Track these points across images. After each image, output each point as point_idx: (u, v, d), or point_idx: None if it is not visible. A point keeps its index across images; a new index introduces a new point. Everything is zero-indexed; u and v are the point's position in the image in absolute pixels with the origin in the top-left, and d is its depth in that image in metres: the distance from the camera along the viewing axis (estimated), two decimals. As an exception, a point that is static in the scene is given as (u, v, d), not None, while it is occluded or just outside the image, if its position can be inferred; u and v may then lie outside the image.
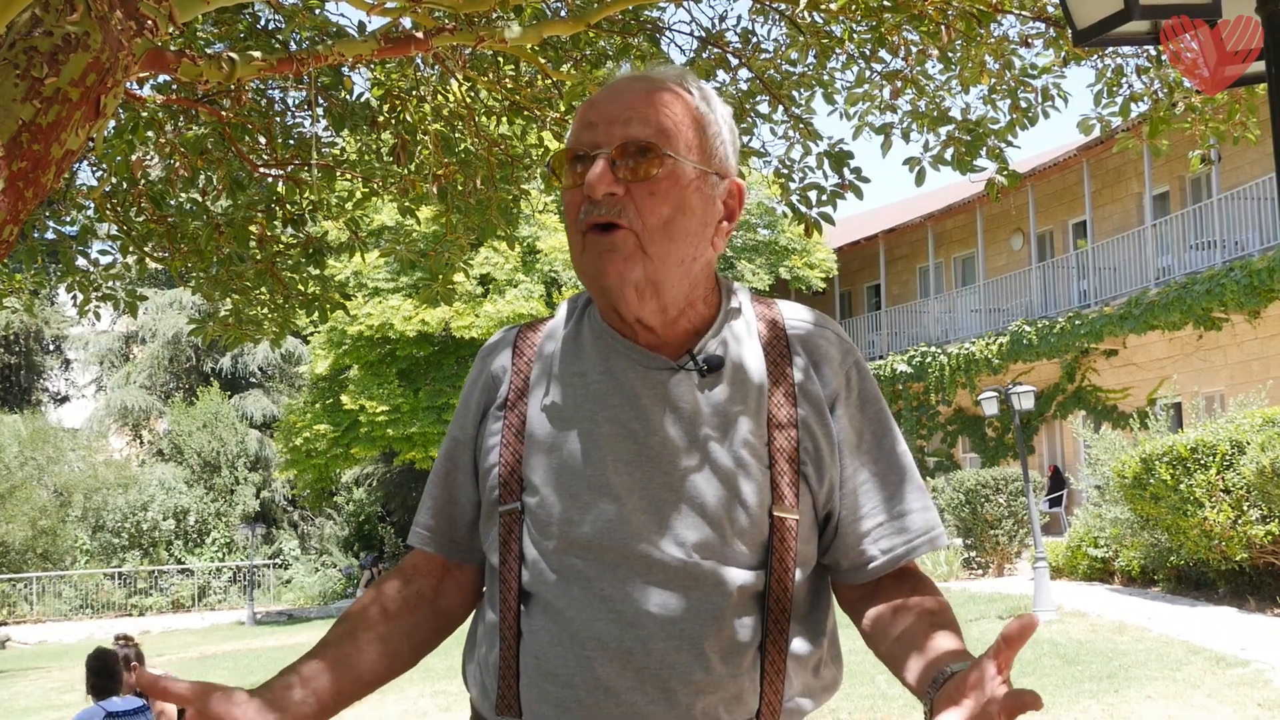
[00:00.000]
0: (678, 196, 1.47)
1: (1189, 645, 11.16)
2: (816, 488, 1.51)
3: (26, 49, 3.29)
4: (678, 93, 1.52)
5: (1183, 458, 13.54)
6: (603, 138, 1.48)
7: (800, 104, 5.89)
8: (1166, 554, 15.10)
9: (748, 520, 1.47)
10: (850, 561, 1.56)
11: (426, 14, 4.46)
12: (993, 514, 19.79)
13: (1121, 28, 2.52)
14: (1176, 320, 19.95)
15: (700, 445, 1.48)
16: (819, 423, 1.52)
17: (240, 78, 4.05)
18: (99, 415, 39.32)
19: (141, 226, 6.43)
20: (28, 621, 28.93)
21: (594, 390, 1.52)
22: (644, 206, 1.46)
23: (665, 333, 1.52)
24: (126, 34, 3.60)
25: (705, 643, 1.44)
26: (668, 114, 1.49)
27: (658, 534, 1.45)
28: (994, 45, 5.32)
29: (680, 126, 1.49)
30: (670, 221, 1.47)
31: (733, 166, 1.57)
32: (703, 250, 1.51)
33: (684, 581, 1.45)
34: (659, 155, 1.46)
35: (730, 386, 1.51)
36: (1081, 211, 24.18)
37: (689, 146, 1.49)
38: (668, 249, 1.47)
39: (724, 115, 1.56)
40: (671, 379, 1.50)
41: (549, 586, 1.48)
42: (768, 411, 1.50)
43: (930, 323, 27.49)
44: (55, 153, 3.31)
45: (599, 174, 1.45)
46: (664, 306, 1.50)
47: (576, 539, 1.47)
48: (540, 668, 1.47)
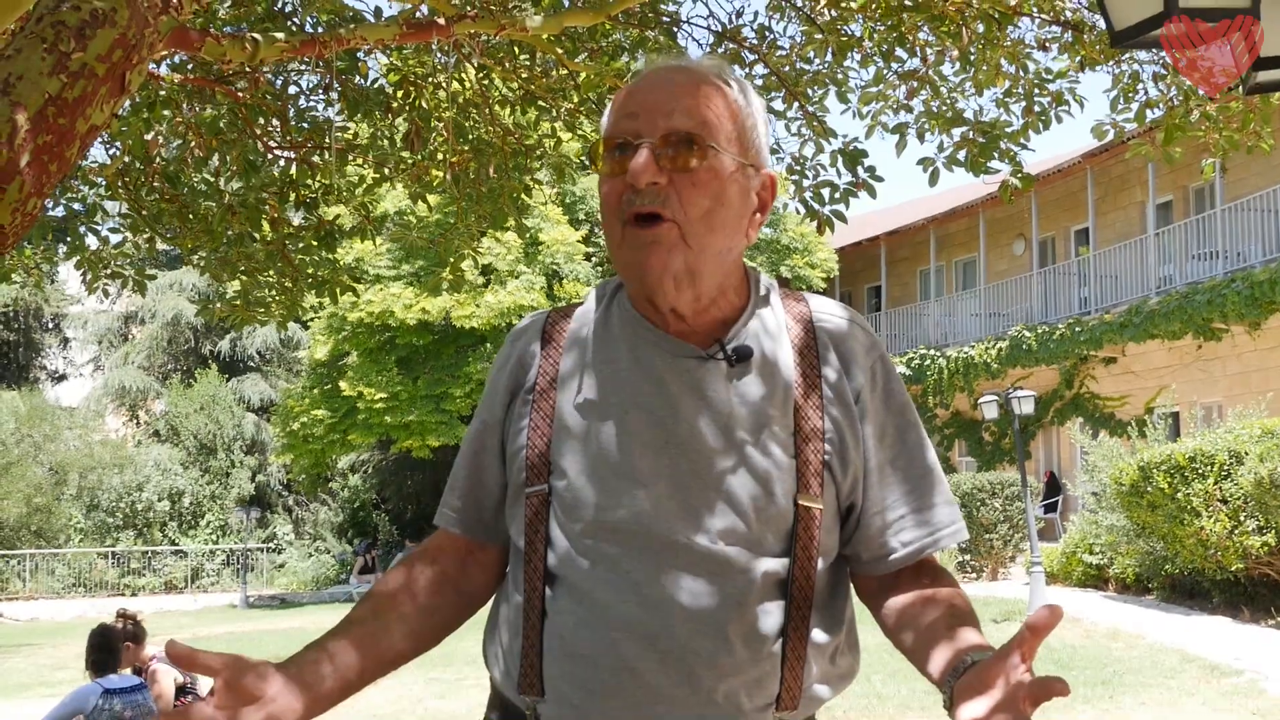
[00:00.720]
0: (718, 188, 1.49)
1: (1183, 653, 11.18)
2: (840, 479, 1.53)
3: (54, 23, 3.30)
4: (718, 85, 1.54)
5: (1181, 467, 13.57)
6: (645, 127, 1.49)
7: (815, 101, 5.91)
8: (1162, 562, 15.13)
9: (774, 508, 1.48)
10: (871, 553, 1.58)
11: (447, 1, 4.47)
12: (988, 518, 19.83)
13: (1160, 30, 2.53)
14: (1177, 330, 19.98)
15: (728, 433, 1.49)
16: (844, 415, 1.53)
17: (262, 58, 4.06)
18: (96, 394, 39.31)
19: (153, 205, 6.43)
20: (20, 598, 28.94)
21: (623, 378, 1.54)
22: (686, 197, 1.48)
23: (695, 321, 1.54)
24: (152, 11, 3.61)
25: (729, 628, 1.45)
26: (710, 106, 1.51)
27: (685, 520, 1.47)
28: (1010, 48, 5.33)
29: (721, 119, 1.51)
30: (710, 213, 1.49)
31: (767, 159, 1.60)
32: (738, 241, 1.54)
33: (710, 567, 1.46)
34: (702, 147, 1.48)
35: (758, 376, 1.53)
36: (1084, 218, 24.20)
37: (729, 139, 1.51)
38: (707, 240, 1.49)
39: (759, 109, 1.59)
40: (700, 368, 1.52)
41: (576, 569, 1.50)
42: (794, 402, 1.52)
43: (930, 326, 27.50)
44: (80, 127, 3.31)
45: (643, 163, 1.46)
46: (698, 295, 1.52)
47: (604, 523, 1.49)
48: (564, 648, 1.49)
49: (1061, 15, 5.39)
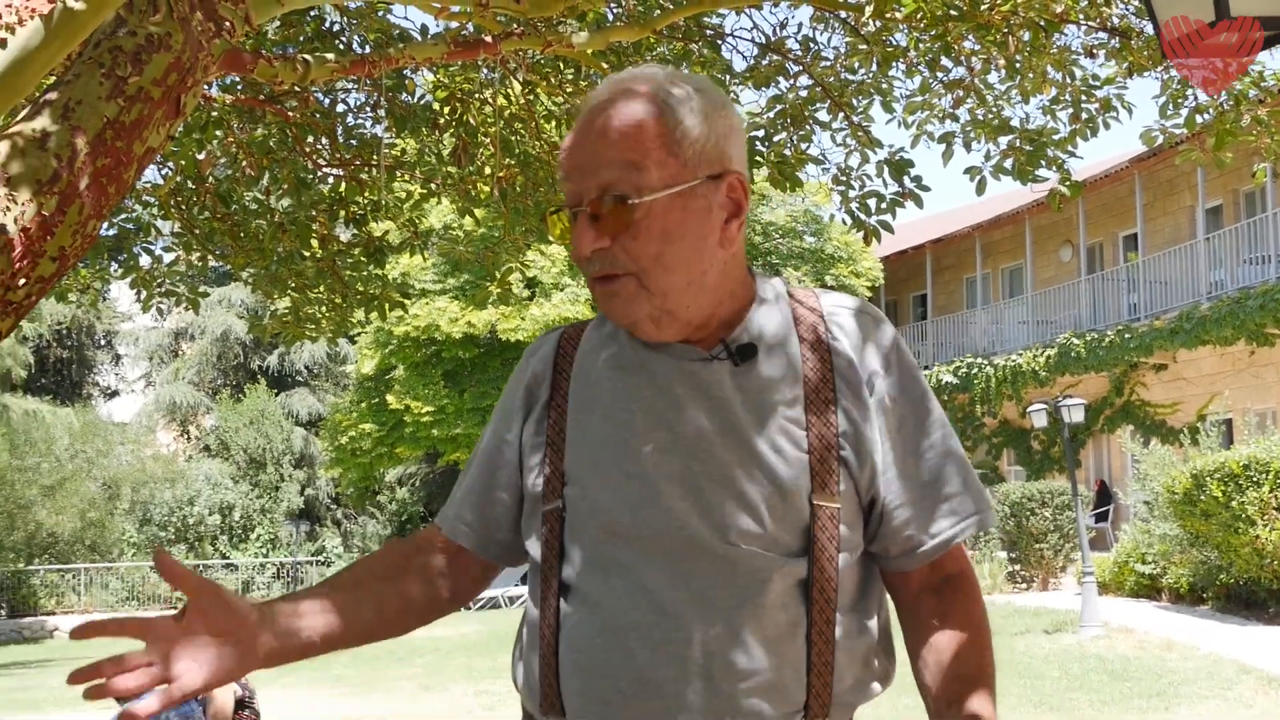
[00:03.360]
0: (663, 229, 1.46)
1: (1240, 664, 11.02)
2: (858, 473, 1.49)
3: (111, 48, 3.37)
4: (639, 112, 1.47)
5: (1235, 475, 13.39)
6: (581, 189, 1.48)
7: (860, 111, 5.91)
8: (1216, 572, 14.93)
9: (787, 507, 1.46)
10: (899, 547, 1.54)
11: (493, 18, 4.52)
12: (1038, 528, 19.64)
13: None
14: (1228, 335, 19.73)
15: (737, 433, 1.47)
16: (858, 407, 1.50)
17: (313, 79, 4.12)
18: (148, 410, 39.80)
19: (205, 224, 6.53)
20: (75, 612, 29.29)
21: (630, 384, 1.53)
22: (631, 251, 1.46)
23: (697, 334, 1.53)
24: (206, 35, 3.67)
25: (746, 631, 1.43)
26: (634, 146, 1.46)
27: (697, 522, 1.45)
28: (1056, 55, 5.31)
29: (649, 152, 1.46)
30: (661, 255, 1.46)
31: (730, 157, 1.51)
32: (711, 261, 1.50)
33: (724, 569, 1.44)
34: (631, 199, 1.44)
35: (766, 373, 1.51)
36: (1132, 224, 23.95)
37: (661, 166, 1.46)
38: (668, 281, 1.47)
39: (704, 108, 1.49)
40: (705, 369, 1.51)
41: (588, 579, 1.49)
42: (805, 397, 1.49)
43: (977, 334, 27.31)
44: (137, 150, 3.38)
45: (579, 235, 1.47)
46: (687, 323, 1.51)
47: (616, 530, 1.48)
48: (579, 662, 1.48)
49: (1109, 21, 5.36)
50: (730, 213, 1.50)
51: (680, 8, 4.83)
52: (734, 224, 1.51)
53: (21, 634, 26.75)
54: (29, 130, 3.17)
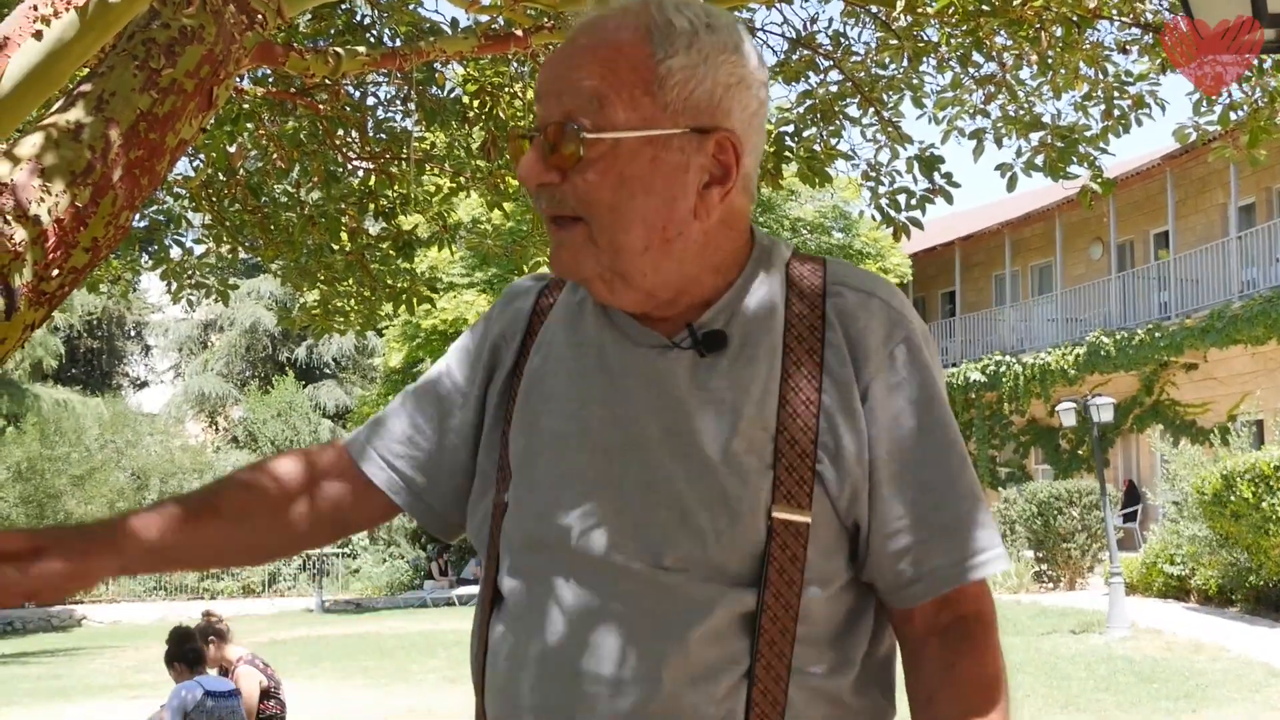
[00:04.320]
0: (620, 175, 1.24)
1: (1269, 667, 10.94)
2: (835, 490, 1.26)
3: (145, 40, 3.39)
4: (623, 35, 1.25)
5: (1265, 476, 13.29)
6: (545, 113, 1.28)
7: (890, 107, 5.88)
8: (1246, 573, 14.82)
9: (736, 525, 1.24)
10: (886, 582, 1.30)
11: (523, 11, 4.52)
12: (1066, 527, 19.55)
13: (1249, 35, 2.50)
14: (1260, 334, 19.56)
15: (688, 438, 1.26)
16: (845, 412, 1.27)
17: (344, 72, 4.13)
18: (176, 401, 40.09)
19: (235, 216, 6.56)
20: (103, 601, 29.53)
21: (583, 368, 1.34)
22: (582, 192, 1.25)
23: (664, 310, 1.32)
24: (238, 28, 3.69)
25: (664, 668, 1.23)
26: (601, 72, 1.24)
27: (627, 538, 1.26)
28: (1089, 51, 5.27)
29: (621, 84, 1.24)
30: (616, 206, 1.25)
31: (726, 113, 1.27)
32: (678, 228, 1.26)
33: (653, 596, 1.25)
34: (587, 130, 1.24)
35: (735, 367, 1.28)
36: (1164, 221, 23.77)
37: (631, 104, 1.24)
38: (623, 239, 1.25)
39: (707, 47, 1.26)
40: (663, 359, 1.30)
41: (514, 591, 1.33)
42: (780, 397, 1.26)
43: (1005, 331, 27.18)
44: (170, 142, 3.40)
45: (528, 163, 1.27)
46: (648, 293, 1.29)
47: (541, 540, 1.30)
48: (494, 681, 1.34)
49: (1142, 17, 5.32)
50: (714, 177, 1.27)
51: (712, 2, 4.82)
52: (715, 191, 1.27)
53: (50, 622, 27.00)
54: (63, 121, 3.19)
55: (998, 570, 1.30)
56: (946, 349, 29.21)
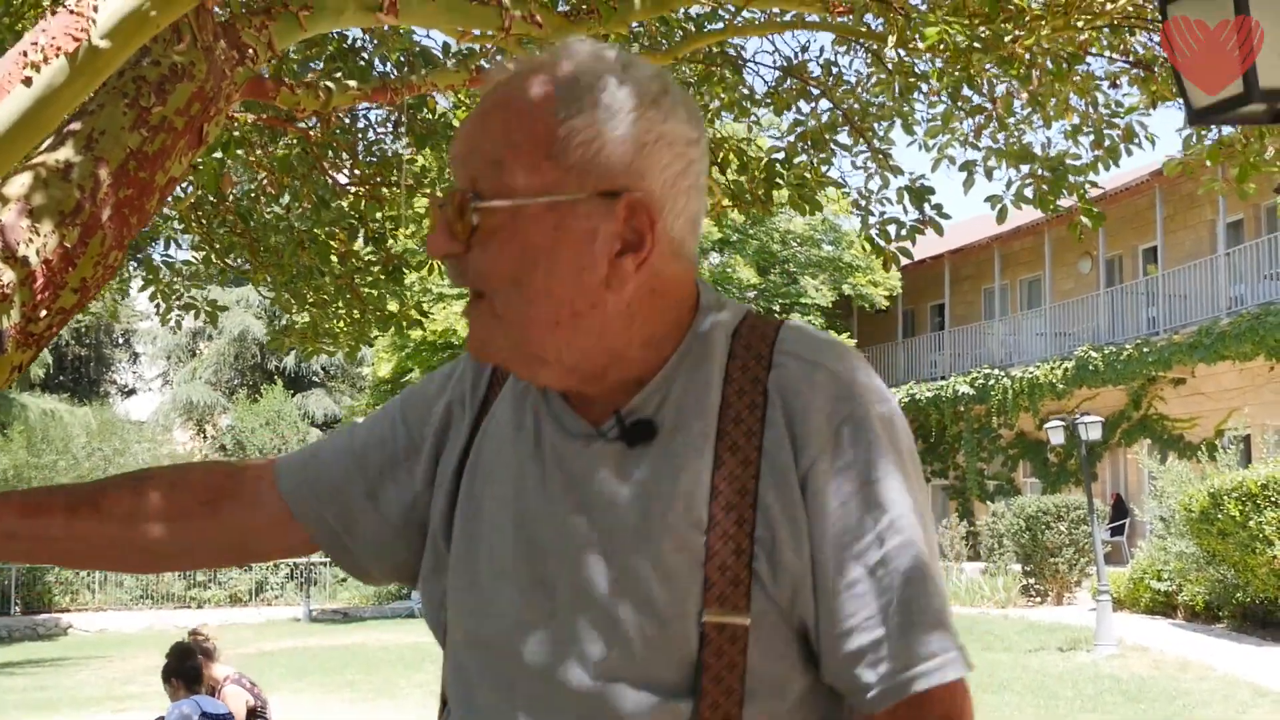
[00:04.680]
0: (521, 246, 1.15)
1: (1255, 686, 10.97)
2: (773, 588, 1.14)
3: (135, 78, 3.38)
4: (529, 96, 1.16)
5: (1252, 494, 13.34)
6: (455, 182, 1.20)
7: (880, 135, 5.89)
8: (1233, 590, 14.88)
9: (664, 631, 1.14)
10: (843, 685, 1.17)
11: (516, 41, 4.52)
12: (1053, 542, 19.61)
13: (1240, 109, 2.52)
14: (1248, 351, 19.65)
15: (613, 535, 1.16)
16: (782, 501, 1.14)
17: (335, 105, 4.13)
18: (165, 409, 39.98)
19: (224, 238, 6.55)
20: (89, 609, 29.43)
21: (522, 452, 1.24)
22: (482, 266, 1.17)
23: (592, 390, 1.21)
24: (229, 63, 3.68)
25: None
26: (501, 137, 1.15)
27: (558, 643, 1.17)
28: (1079, 83, 5.28)
29: (520, 148, 1.14)
30: (518, 279, 1.15)
31: (640, 174, 1.16)
32: (589, 302, 1.16)
33: (577, 708, 1.16)
34: (474, 203, 1.15)
35: (664, 458, 1.17)
36: (1152, 237, 23.87)
37: (531, 169, 1.14)
38: (526, 312, 1.16)
39: (618, 103, 1.15)
40: (588, 449, 1.20)
41: (453, 687, 1.26)
42: (712, 487, 1.15)
43: (994, 345, 27.26)
44: (160, 180, 3.39)
45: (433, 234, 1.19)
46: (569, 369, 1.19)
47: (479, 636, 1.23)
48: None
49: (1131, 49, 5.34)
50: (627, 244, 1.15)
51: (702, 35, 4.83)
52: (629, 259, 1.15)
53: (36, 631, 26.89)
54: (52, 161, 3.18)
55: (951, 678, 1.14)
56: (935, 362, 29.28)
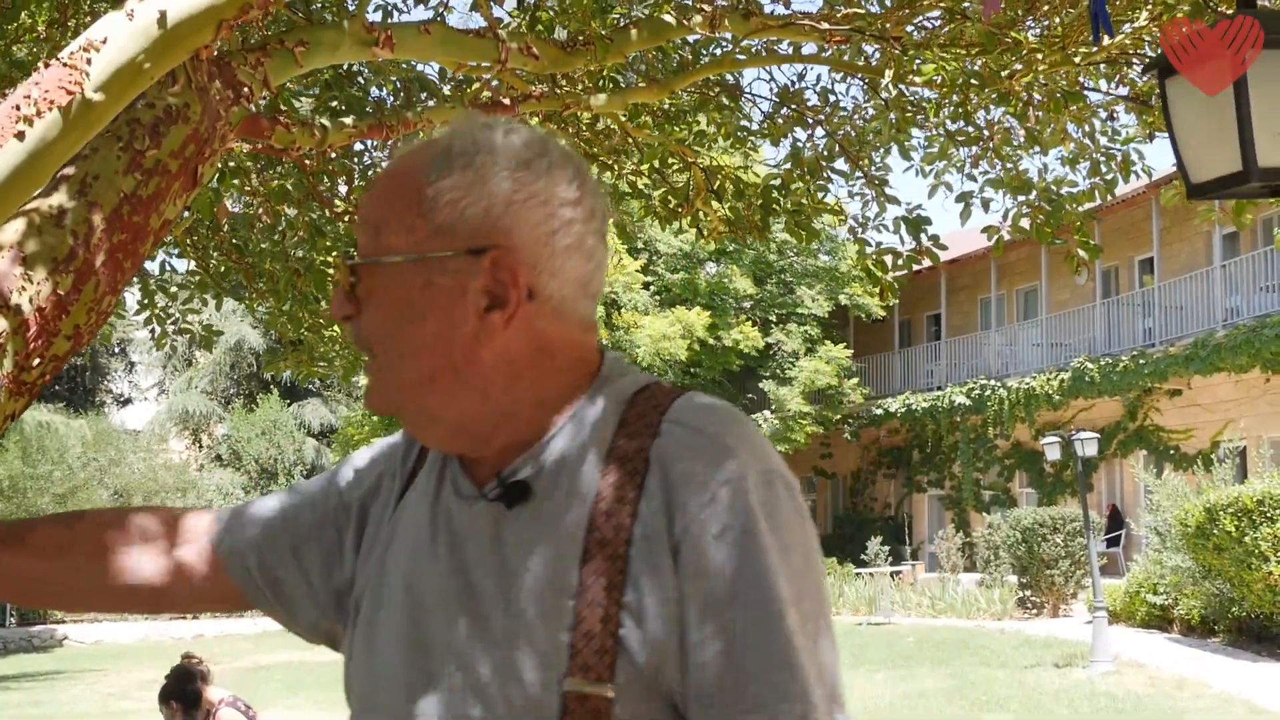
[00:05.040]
0: (395, 303, 1.19)
1: (1250, 704, 10.97)
2: (641, 659, 1.11)
3: (129, 121, 3.35)
4: (409, 164, 1.21)
5: (1248, 510, 13.34)
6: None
7: (877, 164, 5.89)
8: (1228, 604, 14.88)
9: (525, 697, 1.12)
10: None
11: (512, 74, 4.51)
12: (1049, 554, 19.62)
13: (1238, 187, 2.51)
14: (1244, 363, 19.66)
15: (485, 599, 1.17)
16: (653, 569, 1.12)
17: (330, 143, 4.11)
18: (160, 419, 39.91)
19: (219, 264, 6.54)
20: (85, 620, 29.34)
21: (420, 514, 1.26)
22: (368, 324, 1.21)
23: (483, 452, 1.23)
24: (224, 103, 3.66)
25: None
26: (381, 202, 1.21)
27: (432, 710, 1.17)
28: (1076, 113, 5.28)
29: (396, 211, 1.19)
30: (394, 337, 1.19)
31: (504, 231, 1.18)
32: (462, 358, 1.18)
33: None
34: (356, 264, 1.21)
35: (538, 521, 1.17)
36: (1148, 248, 23.89)
37: (406, 230, 1.18)
38: (398, 370, 1.20)
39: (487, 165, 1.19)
40: (471, 510, 1.21)
41: None
42: (585, 553, 1.13)
43: (991, 355, 27.26)
44: (154, 223, 3.36)
45: (334, 299, 1.24)
46: (456, 428, 1.21)
47: (372, 701, 1.24)
48: None
49: (1129, 80, 5.34)
50: (494, 300, 1.17)
51: (699, 68, 4.83)
52: (497, 315, 1.17)
53: (31, 642, 26.82)
54: (45, 207, 3.15)
55: None
56: (931, 372, 29.29)
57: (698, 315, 27.13)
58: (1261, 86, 2.48)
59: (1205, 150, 2.57)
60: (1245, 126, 2.48)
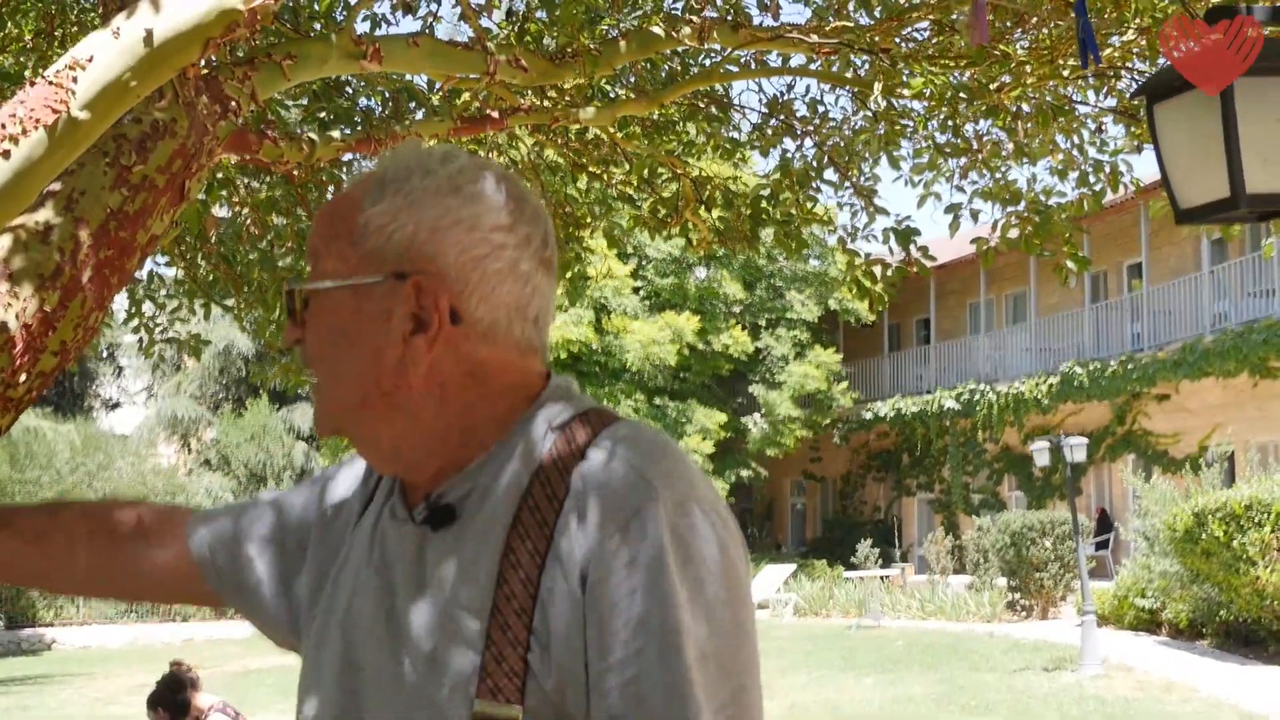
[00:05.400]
0: (328, 327, 1.23)
1: (1238, 709, 11.01)
2: (546, 682, 1.11)
3: (115, 136, 3.35)
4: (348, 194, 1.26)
5: (1236, 515, 13.38)
6: None
7: (866, 174, 5.89)
8: (1216, 608, 14.93)
9: (437, 716, 1.14)
10: None
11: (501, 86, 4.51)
12: (1038, 557, 19.65)
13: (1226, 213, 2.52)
14: (1232, 368, 19.73)
15: (402, 621, 1.19)
16: (564, 594, 1.12)
17: (318, 157, 4.11)
18: (149, 423, 39.78)
19: (208, 274, 6.53)
20: (74, 623, 29.25)
21: (360, 539, 1.30)
22: (308, 349, 1.25)
23: (418, 478, 1.25)
24: (211, 118, 3.65)
25: None
26: (320, 230, 1.25)
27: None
28: (1064, 124, 5.29)
29: (332, 238, 1.23)
30: (329, 359, 1.23)
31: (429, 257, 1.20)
32: (391, 382, 1.20)
33: None
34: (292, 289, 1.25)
35: (459, 542, 1.18)
36: (1137, 253, 23.95)
37: (340, 256, 1.22)
38: (338, 392, 1.23)
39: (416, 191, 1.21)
40: (398, 532, 1.24)
41: None
42: (499, 575, 1.14)
43: (980, 359, 27.31)
44: (141, 239, 3.35)
45: (286, 327, 1.28)
46: (391, 452, 1.24)
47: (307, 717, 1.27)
48: None
49: (1117, 92, 5.35)
50: (418, 324, 1.19)
51: (688, 80, 4.83)
52: (420, 339, 1.19)
53: (20, 646, 26.73)
54: (31, 223, 3.14)
55: None
56: (921, 376, 29.32)
57: (687, 320, 27.14)
58: (1249, 112, 2.49)
59: (1193, 176, 2.58)
60: (1233, 152, 2.49)
